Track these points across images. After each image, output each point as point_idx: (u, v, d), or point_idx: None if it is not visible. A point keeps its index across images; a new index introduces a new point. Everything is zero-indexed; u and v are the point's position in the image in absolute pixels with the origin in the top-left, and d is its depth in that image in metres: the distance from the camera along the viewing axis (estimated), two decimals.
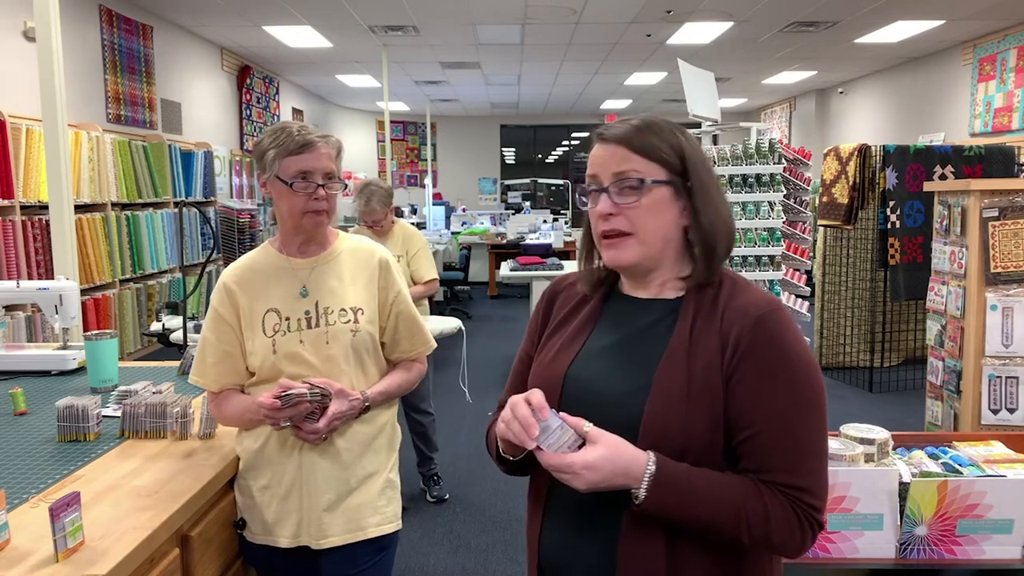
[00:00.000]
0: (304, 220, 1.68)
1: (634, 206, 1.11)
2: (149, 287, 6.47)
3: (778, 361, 1.06)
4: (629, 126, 1.14)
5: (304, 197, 1.65)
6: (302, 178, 1.64)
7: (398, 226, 3.81)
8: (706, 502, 1.03)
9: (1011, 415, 2.92)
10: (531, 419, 1.03)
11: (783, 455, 1.05)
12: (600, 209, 1.13)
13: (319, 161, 1.65)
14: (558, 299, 1.29)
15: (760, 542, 1.04)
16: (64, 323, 2.51)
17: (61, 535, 1.22)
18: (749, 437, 1.05)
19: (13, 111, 4.88)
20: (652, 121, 1.15)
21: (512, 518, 3.56)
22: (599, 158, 1.15)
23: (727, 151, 4.88)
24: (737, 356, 1.06)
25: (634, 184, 1.11)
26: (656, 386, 1.07)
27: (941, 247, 3.21)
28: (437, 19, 7.60)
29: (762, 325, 1.07)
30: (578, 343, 1.20)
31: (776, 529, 1.03)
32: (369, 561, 1.73)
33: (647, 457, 1.03)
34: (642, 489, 1.02)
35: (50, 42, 2.89)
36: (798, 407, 1.06)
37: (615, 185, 1.12)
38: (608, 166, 1.13)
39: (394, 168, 15.41)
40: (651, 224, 1.12)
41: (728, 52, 9.31)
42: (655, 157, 1.12)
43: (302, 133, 1.65)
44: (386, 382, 1.78)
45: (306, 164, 1.64)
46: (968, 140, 8.25)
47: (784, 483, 1.04)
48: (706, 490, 1.03)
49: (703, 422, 1.05)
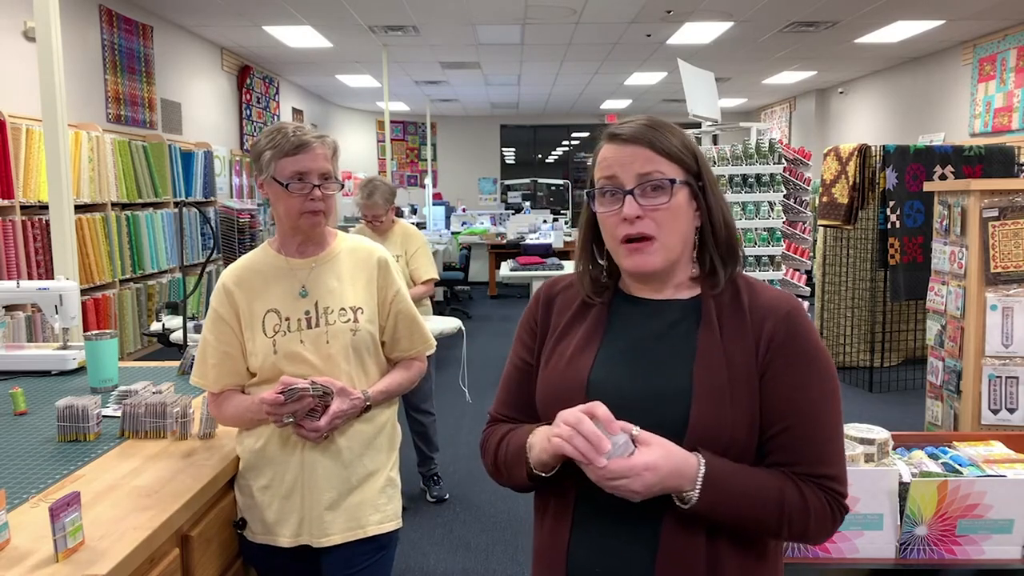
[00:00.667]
0: (301, 221, 1.68)
1: (662, 208, 1.09)
2: (149, 287, 6.47)
3: (809, 355, 1.08)
4: (643, 126, 1.11)
5: (300, 198, 1.65)
6: (298, 179, 1.64)
7: (398, 225, 3.81)
8: (753, 499, 1.03)
9: (1011, 415, 2.92)
10: (600, 434, 0.99)
11: (815, 446, 1.06)
12: (626, 212, 1.09)
13: (315, 162, 1.64)
14: (556, 303, 1.24)
15: (798, 534, 1.05)
16: (64, 323, 2.51)
17: (61, 535, 1.22)
18: (782, 431, 1.06)
19: (13, 111, 4.88)
20: (660, 121, 1.13)
21: (512, 518, 3.56)
22: (618, 159, 1.10)
23: (727, 151, 4.88)
24: (771, 353, 1.07)
25: (663, 185, 1.09)
26: (698, 388, 1.06)
27: (941, 247, 3.21)
28: (437, 19, 7.60)
29: (792, 320, 1.09)
30: (592, 348, 1.15)
31: (814, 520, 1.05)
32: (369, 560, 1.73)
33: (697, 458, 1.02)
34: (696, 491, 1.01)
35: (50, 42, 2.89)
36: (826, 397, 1.08)
37: (641, 187, 1.09)
38: (630, 167, 1.09)
39: (394, 168, 15.40)
40: (675, 226, 1.10)
41: (728, 52, 9.31)
42: (675, 157, 1.10)
43: (297, 134, 1.64)
44: (387, 381, 1.78)
45: (302, 165, 1.63)
46: (968, 140, 8.25)
47: (816, 473, 1.06)
48: (752, 487, 1.03)
49: (746, 421, 1.05)
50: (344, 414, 1.64)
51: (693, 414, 1.05)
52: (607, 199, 1.12)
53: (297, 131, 1.65)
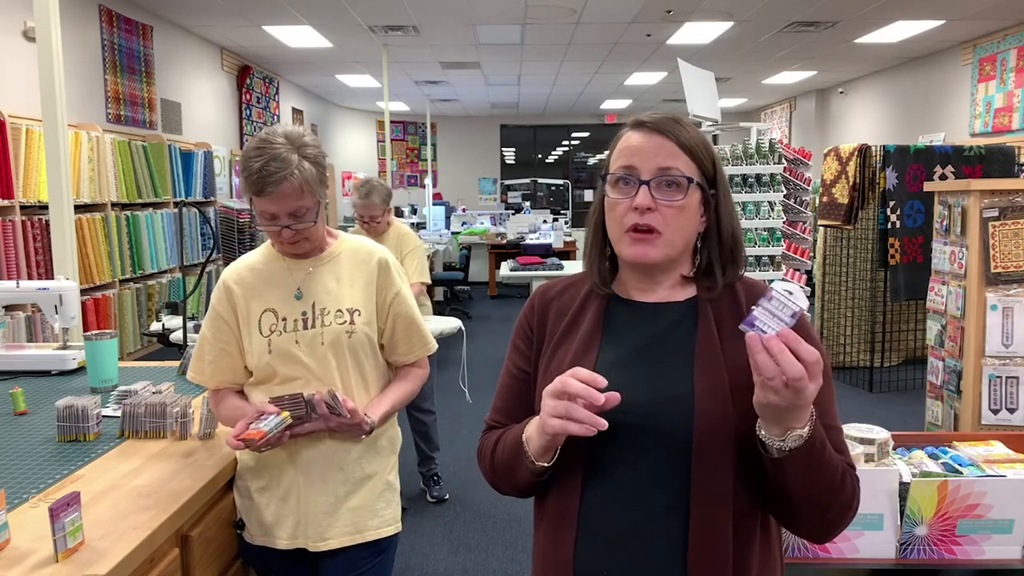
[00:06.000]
0: (281, 249, 1.69)
1: (674, 204, 1.08)
2: (149, 287, 6.47)
3: None
4: (670, 119, 1.10)
5: (274, 233, 1.63)
6: (269, 217, 1.60)
7: (394, 227, 3.79)
8: (832, 458, 1.02)
9: (1011, 415, 2.92)
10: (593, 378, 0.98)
11: (831, 436, 1.07)
12: (639, 202, 1.08)
13: (280, 204, 1.57)
14: (551, 309, 1.22)
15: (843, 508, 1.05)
16: (64, 323, 2.51)
17: (61, 535, 1.22)
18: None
19: (13, 111, 4.88)
20: (684, 119, 1.13)
21: (512, 518, 3.56)
22: (641, 148, 1.09)
23: (727, 151, 4.88)
24: None
25: (680, 182, 1.08)
26: (700, 390, 1.05)
27: (941, 247, 3.21)
28: (437, 19, 7.60)
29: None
30: (592, 353, 1.14)
31: (855, 504, 1.06)
32: (368, 564, 1.72)
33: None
34: (806, 428, 0.97)
35: (50, 42, 2.89)
36: (831, 392, 1.10)
37: (657, 180, 1.08)
38: (652, 158, 1.08)
39: (394, 168, 15.40)
40: (681, 226, 1.10)
41: (728, 52, 9.31)
42: (696, 157, 1.10)
43: (262, 174, 1.53)
44: (389, 400, 1.75)
45: (267, 207, 1.58)
46: (968, 140, 8.25)
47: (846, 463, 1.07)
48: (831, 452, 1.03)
49: (751, 421, 1.04)
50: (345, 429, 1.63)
51: (698, 416, 1.04)
52: (620, 186, 1.11)
53: (264, 169, 1.53)
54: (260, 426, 1.50)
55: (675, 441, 1.03)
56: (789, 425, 0.96)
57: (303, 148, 1.59)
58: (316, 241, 1.69)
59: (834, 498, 1.03)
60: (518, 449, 1.12)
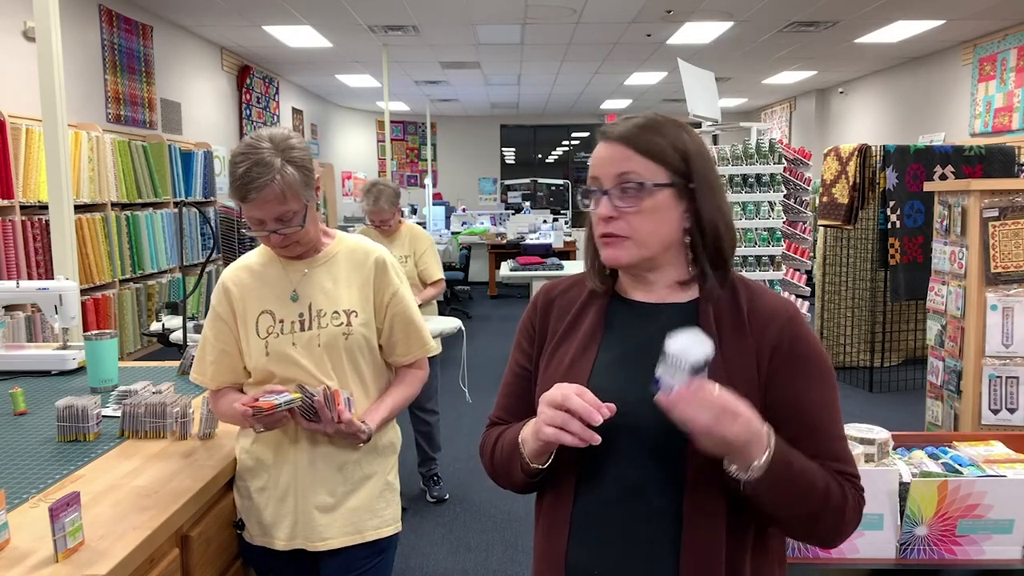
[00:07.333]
0: (274, 251, 1.69)
1: (634, 211, 1.09)
2: (149, 287, 6.47)
3: (813, 358, 1.09)
4: (632, 125, 1.11)
5: (264, 237, 1.63)
6: (257, 222, 1.60)
7: (405, 226, 3.80)
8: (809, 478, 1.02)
9: (1011, 415, 2.92)
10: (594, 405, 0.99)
11: (832, 443, 1.08)
12: (600, 212, 1.11)
13: (264, 209, 1.55)
14: (554, 308, 1.24)
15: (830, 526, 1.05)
16: (64, 323, 2.51)
17: (61, 535, 1.22)
18: (796, 432, 1.06)
19: (13, 111, 4.88)
20: (656, 119, 1.12)
21: (512, 518, 3.56)
22: (601, 158, 1.12)
23: (727, 151, 4.88)
24: (776, 360, 1.08)
25: (634, 188, 1.09)
26: None
27: (941, 247, 3.21)
28: (437, 19, 7.60)
29: (794, 326, 1.10)
30: (591, 353, 1.14)
31: (850, 509, 1.06)
32: (367, 564, 1.72)
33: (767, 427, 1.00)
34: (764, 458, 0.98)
35: (50, 42, 2.89)
36: (833, 398, 1.10)
37: (616, 188, 1.10)
38: (610, 167, 1.10)
39: (394, 168, 15.40)
40: (649, 229, 1.10)
41: (728, 52, 9.31)
42: (658, 158, 1.09)
43: (244, 180, 1.52)
44: (387, 406, 1.74)
45: (251, 213, 1.58)
46: (968, 140, 8.25)
47: (836, 470, 1.07)
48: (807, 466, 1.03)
49: None
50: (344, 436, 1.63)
51: None
52: (591, 198, 1.14)
53: (247, 175, 1.52)
54: (271, 398, 1.52)
55: (669, 442, 1.03)
56: (745, 459, 0.99)
57: (288, 151, 1.56)
58: (308, 243, 1.68)
59: (820, 509, 1.03)
60: (514, 450, 1.13)
